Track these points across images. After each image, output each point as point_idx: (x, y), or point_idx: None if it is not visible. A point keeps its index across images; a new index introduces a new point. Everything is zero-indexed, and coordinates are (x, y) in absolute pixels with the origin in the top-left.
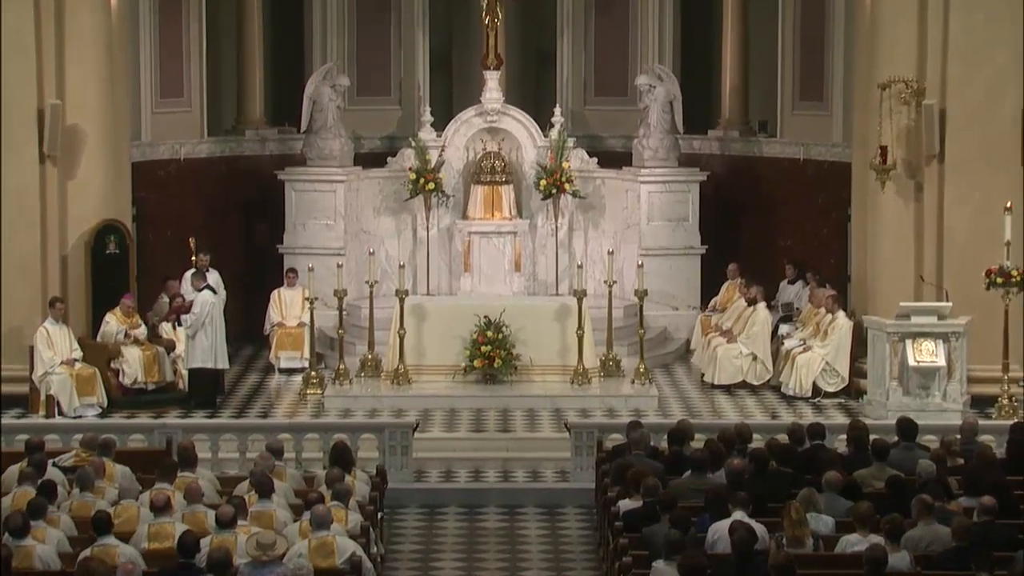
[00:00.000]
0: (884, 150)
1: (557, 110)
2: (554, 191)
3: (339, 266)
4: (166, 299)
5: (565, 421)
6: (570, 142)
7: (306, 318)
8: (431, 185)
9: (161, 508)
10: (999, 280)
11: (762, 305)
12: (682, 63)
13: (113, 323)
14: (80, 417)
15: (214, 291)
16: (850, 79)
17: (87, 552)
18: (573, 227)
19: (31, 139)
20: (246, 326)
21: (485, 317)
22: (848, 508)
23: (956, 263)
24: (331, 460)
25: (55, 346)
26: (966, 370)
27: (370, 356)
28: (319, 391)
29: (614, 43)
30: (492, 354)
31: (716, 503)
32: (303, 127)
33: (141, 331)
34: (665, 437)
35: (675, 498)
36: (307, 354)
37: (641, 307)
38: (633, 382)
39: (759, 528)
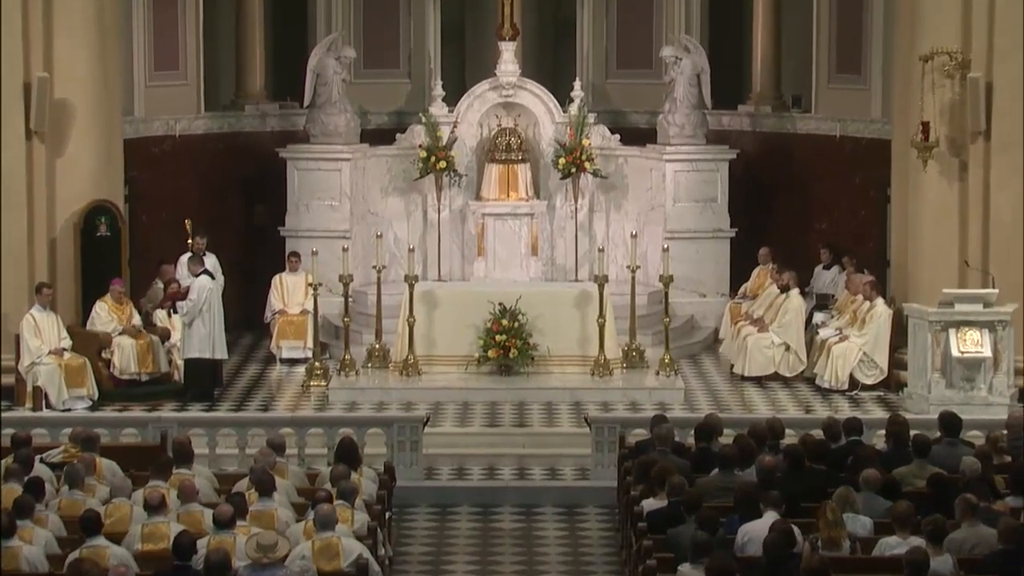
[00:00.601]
0: (926, 126)
1: (577, 84)
2: (573, 170)
3: (344, 250)
4: (160, 285)
5: (585, 415)
6: (591, 118)
7: (309, 305)
8: (442, 164)
9: (155, 507)
10: None
11: (795, 292)
12: (710, 33)
13: (104, 314)
14: (69, 410)
15: (212, 276)
16: (890, 50)
17: (76, 554)
18: (594, 208)
19: (17, 114)
20: (245, 314)
21: (500, 304)
22: (887, 508)
23: (1003, 247)
24: (336, 456)
25: (42, 335)
26: (1013, 361)
27: (377, 346)
28: (323, 383)
29: (638, 12)
30: (507, 344)
31: (746, 503)
32: (306, 102)
33: (135, 320)
34: (692, 432)
35: (702, 497)
36: (310, 343)
37: (666, 294)
38: (658, 374)
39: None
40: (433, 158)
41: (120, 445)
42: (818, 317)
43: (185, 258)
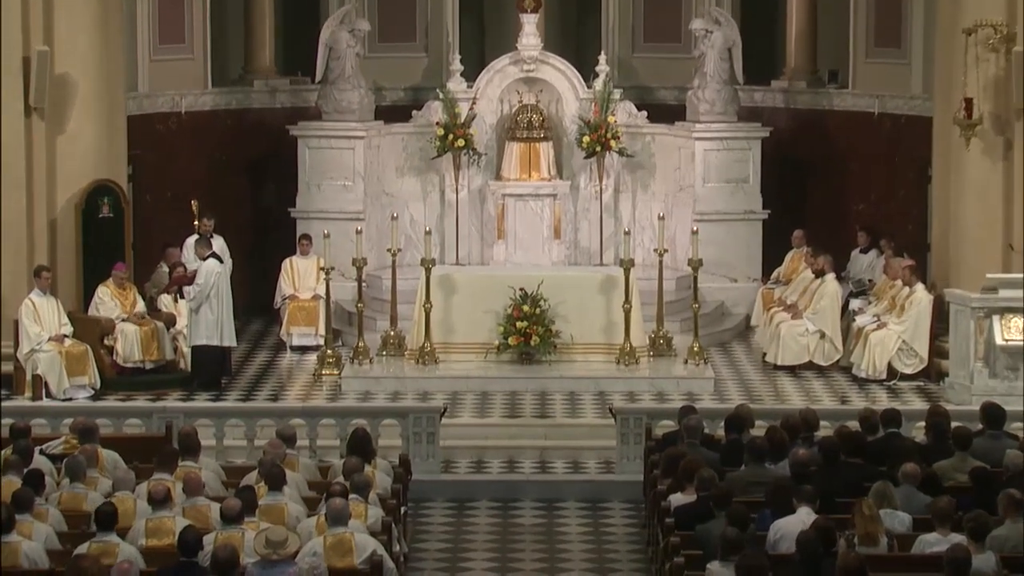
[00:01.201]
0: (969, 103)
1: (602, 58)
2: (598, 149)
3: (358, 232)
4: (166, 268)
5: (610, 406)
6: (616, 94)
7: (321, 290)
8: (461, 142)
9: (160, 501)
10: None
11: (831, 277)
12: (742, 5)
13: (107, 299)
14: (70, 399)
15: (220, 259)
16: (931, 23)
17: (83, 548)
18: (619, 189)
19: (16, 90)
20: (255, 299)
21: (521, 289)
22: (927, 504)
23: None
24: (349, 448)
25: (42, 320)
26: None
27: (392, 333)
28: (336, 372)
29: None
30: (529, 331)
31: (779, 498)
32: (318, 77)
33: (140, 307)
34: (722, 424)
35: (732, 492)
36: (322, 330)
37: (695, 279)
38: (686, 362)
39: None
40: (451, 136)
41: (123, 436)
42: (855, 303)
43: (191, 240)
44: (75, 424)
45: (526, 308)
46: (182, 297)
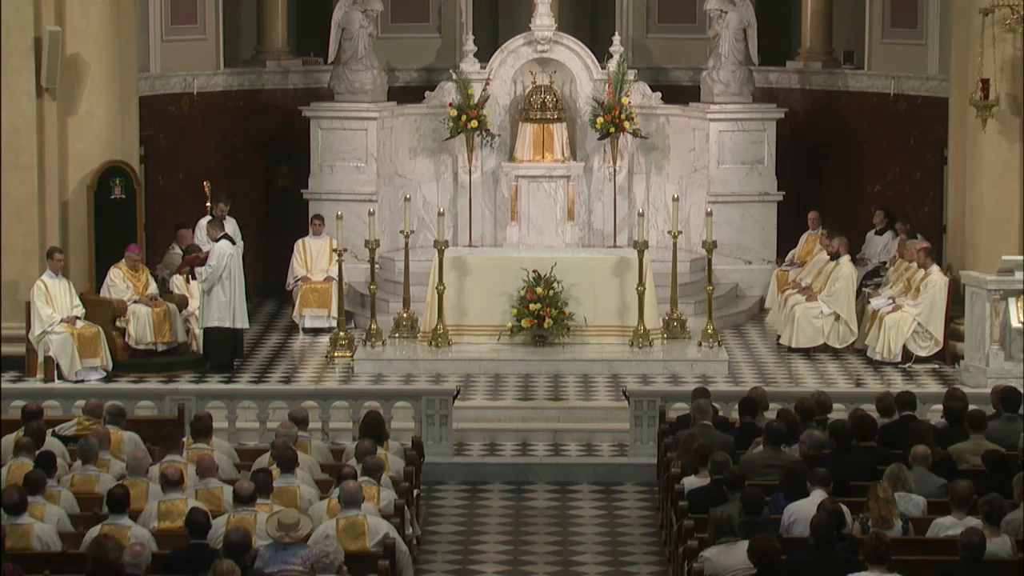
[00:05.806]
0: (986, 84)
1: (616, 38)
2: (612, 130)
3: (371, 213)
4: (178, 250)
5: (624, 388)
6: (630, 75)
7: (334, 272)
8: (474, 123)
9: (172, 483)
10: None
11: (846, 258)
12: None
13: (119, 281)
14: (82, 381)
15: (232, 241)
16: (948, 3)
17: (95, 530)
18: (633, 170)
19: (27, 70)
20: (267, 280)
21: (534, 271)
22: (942, 487)
23: None
24: (361, 431)
25: (54, 302)
26: None
27: (405, 315)
28: (348, 354)
29: None
30: (542, 313)
31: (793, 481)
32: (331, 58)
33: (152, 289)
34: (736, 406)
35: (746, 475)
36: (335, 312)
37: (710, 261)
38: (700, 345)
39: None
40: (464, 117)
41: (135, 418)
42: (870, 285)
43: (204, 222)
44: (98, 406)
45: (539, 290)
46: (194, 278)
